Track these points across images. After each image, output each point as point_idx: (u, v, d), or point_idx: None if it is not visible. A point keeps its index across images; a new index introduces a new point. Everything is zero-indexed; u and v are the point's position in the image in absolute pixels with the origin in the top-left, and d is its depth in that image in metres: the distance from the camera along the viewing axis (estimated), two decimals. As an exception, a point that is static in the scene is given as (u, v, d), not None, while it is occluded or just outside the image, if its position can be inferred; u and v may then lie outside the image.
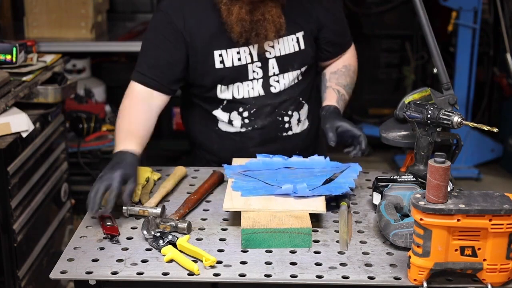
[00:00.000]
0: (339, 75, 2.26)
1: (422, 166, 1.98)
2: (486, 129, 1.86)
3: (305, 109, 2.31)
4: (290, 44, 2.21)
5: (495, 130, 1.86)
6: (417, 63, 5.12)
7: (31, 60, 2.75)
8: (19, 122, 2.47)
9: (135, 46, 4.25)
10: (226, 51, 2.17)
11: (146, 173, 2.12)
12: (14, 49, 2.61)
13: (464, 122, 1.85)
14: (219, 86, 2.21)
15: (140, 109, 2.16)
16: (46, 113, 2.76)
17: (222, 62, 2.18)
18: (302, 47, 2.23)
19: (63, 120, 3.01)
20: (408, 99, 2.06)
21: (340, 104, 2.20)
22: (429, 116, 1.89)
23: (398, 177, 1.93)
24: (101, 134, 3.79)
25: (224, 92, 2.22)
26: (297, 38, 2.22)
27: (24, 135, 2.49)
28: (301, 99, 2.29)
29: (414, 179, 1.90)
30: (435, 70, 4.59)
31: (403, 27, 5.09)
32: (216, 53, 2.17)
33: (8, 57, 2.61)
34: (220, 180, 2.13)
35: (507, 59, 4.58)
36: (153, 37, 2.21)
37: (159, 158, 4.84)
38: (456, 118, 1.85)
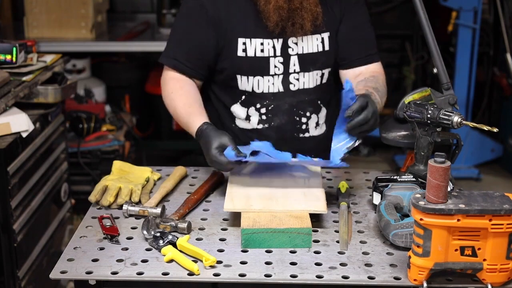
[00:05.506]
0: (367, 81, 2.14)
1: (422, 166, 1.97)
2: (486, 129, 1.86)
3: (323, 113, 2.29)
4: (314, 43, 2.18)
5: (495, 130, 1.85)
6: (417, 63, 5.12)
7: (31, 60, 2.75)
8: (19, 122, 2.47)
9: (135, 46, 4.27)
10: (250, 40, 2.16)
11: (146, 173, 2.12)
12: (14, 49, 2.61)
13: (464, 122, 1.85)
14: (238, 76, 2.20)
15: (187, 89, 2.18)
16: (46, 113, 2.76)
17: (244, 50, 2.16)
18: (327, 48, 2.20)
19: (63, 120, 3.02)
20: (408, 99, 2.06)
21: (370, 93, 2.02)
22: (429, 116, 1.89)
23: (398, 177, 1.92)
24: (101, 134, 3.80)
25: (244, 84, 2.21)
26: (322, 39, 2.19)
27: (24, 135, 2.50)
28: (319, 102, 2.27)
29: (414, 179, 1.90)
30: (435, 70, 4.59)
31: (403, 27, 5.09)
32: (240, 40, 2.16)
33: (8, 57, 2.61)
34: (220, 180, 2.13)
35: (507, 59, 4.58)
36: (185, 23, 2.20)
37: (159, 158, 4.85)
38: (456, 118, 1.85)
